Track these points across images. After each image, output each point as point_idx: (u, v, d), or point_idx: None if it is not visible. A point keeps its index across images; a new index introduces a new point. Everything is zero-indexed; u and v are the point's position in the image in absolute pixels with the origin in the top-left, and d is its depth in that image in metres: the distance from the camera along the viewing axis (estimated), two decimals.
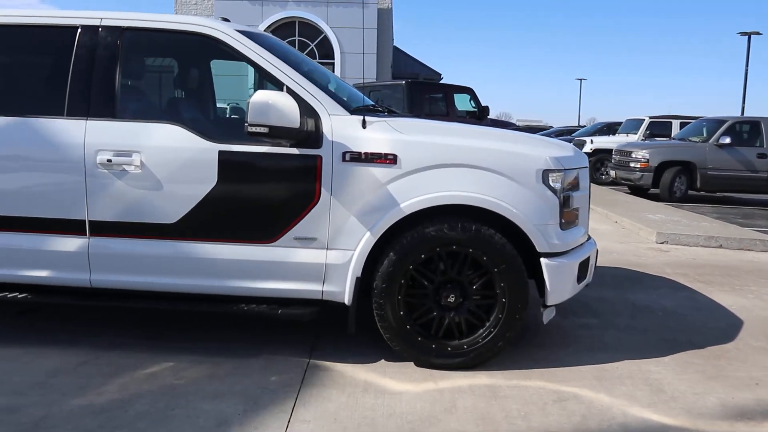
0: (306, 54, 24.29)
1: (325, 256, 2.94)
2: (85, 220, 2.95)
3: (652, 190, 10.83)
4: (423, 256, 2.92)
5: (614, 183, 12.11)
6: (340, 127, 2.92)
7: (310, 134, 2.88)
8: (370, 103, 3.79)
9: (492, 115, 12.58)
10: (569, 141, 14.92)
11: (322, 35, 22.97)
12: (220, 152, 2.88)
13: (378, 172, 2.88)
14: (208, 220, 2.93)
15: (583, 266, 3.19)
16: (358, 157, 2.89)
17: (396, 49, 30.91)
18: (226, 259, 2.95)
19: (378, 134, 2.92)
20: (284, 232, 2.92)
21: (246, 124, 2.68)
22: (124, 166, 2.90)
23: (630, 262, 5.41)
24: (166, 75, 3.23)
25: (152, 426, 2.40)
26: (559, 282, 3.01)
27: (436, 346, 2.99)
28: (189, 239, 2.95)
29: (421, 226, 2.91)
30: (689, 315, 3.98)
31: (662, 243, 6.27)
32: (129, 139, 2.90)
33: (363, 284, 2.97)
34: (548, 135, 19.88)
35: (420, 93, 10.02)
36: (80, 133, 2.92)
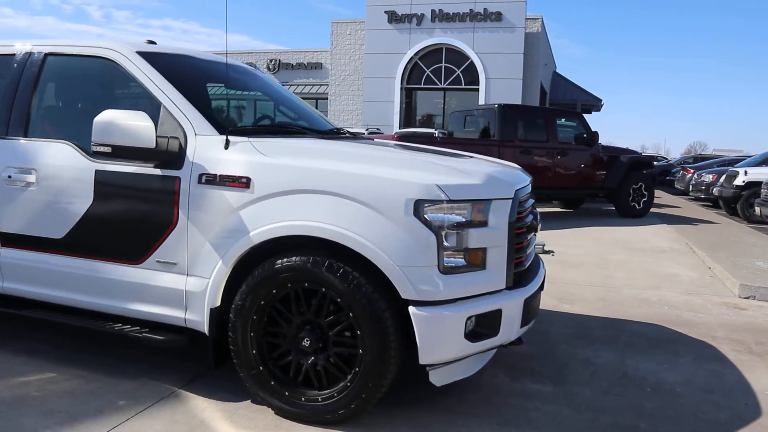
0: (451, 80, 24.52)
1: (185, 282, 2.79)
2: None
3: None
4: (274, 291, 2.62)
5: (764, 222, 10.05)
6: (203, 148, 2.77)
7: (171, 154, 2.77)
8: (326, 128, 3.61)
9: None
10: (725, 171, 12.76)
11: (468, 61, 22.83)
12: (96, 171, 2.90)
13: (231, 196, 2.67)
14: (87, 238, 2.96)
15: (484, 321, 2.61)
16: (212, 180, 2.70)
17: (556, 75, 29.60)
18: (102, 277, 2.94)
19: (237, 156, 2.71)
20: (148, 254, 2.84)
21: (91, 144, 2.67)
22: (25, 182, 3.06)
23: (677, 320, 4.37)
24: (76, 96, 3.36)
25: None
26: (433, 337, 2.49)
27: (289, 393, 2.65)
28: (73, 255, 3.00)
29: (273, 258, 2.62)
30: (688, 396, 3.06)
31: (746, 298, 4.97)
32: (29, 157, 3.06)
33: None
34: (711, 164, 17.29)
35: (514, 117, 9.34)
36: None
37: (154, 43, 3.38)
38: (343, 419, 2.60)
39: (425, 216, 2.47)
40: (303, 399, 2.64)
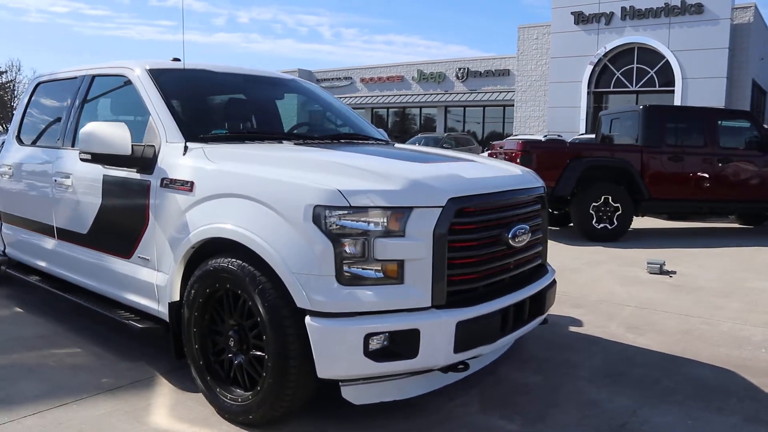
0: (644, 82, 22.36)
1: (156, 276, 3.05)
2: (53, 226, 3.80)
3: None
4: (208, 290, 2.74)
5: None
6: (167, 155, 3.01)
7: (146, 161, 3.06)
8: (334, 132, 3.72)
9: None
10: None
11: (663, 60, 20.55)
12: (104, 176, 3.32)
13: (180, 199, 2.86)
14: (100, 233, 3.41)
15: (397, 340, 2.42)
16: (169, 184, 2.93)
17: None
18: (109, 268, 3.36)
19: (189, 161, 2.91)
20: (133, 250, 3.17)
21: (78, 152, 3.08)
22: (65, 185, 3.63)
23: (766, 368, 3.44)
24: (106, 109, 3.83)
25: None
26: (328, 351, 2.38)
27: (220, 390, 2.75)
28: (93, 248, 3.48)
29: (210, 258, 2.74)
30: None
31: None
32: (69, 164, 3.62)
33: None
34: None
35: (661, 120, 8.15)
36: (53, 158, 3.79)
37: (178, 60, 3.75)
38: (254, 423, 2.62)
39: (324, 222, 2.37)
40: (228, 397, 2.71)
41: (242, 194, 2.60)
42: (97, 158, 3.05)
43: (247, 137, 3.30)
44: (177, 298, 2.94)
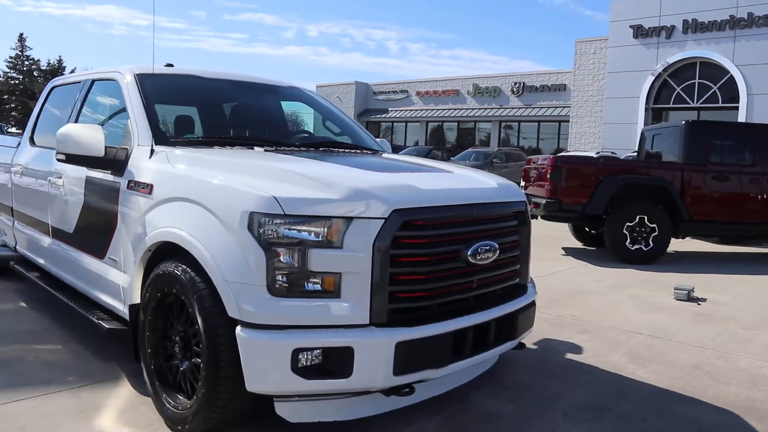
0: (706, 98, 21.27)
1: (122, 278, 3.07)
2: (49, 225, 3.91)
3: None
4: (159, 294, 2.71)
5: None
6: (136, 157, 3.03)
7: (119, 162, 3.09)
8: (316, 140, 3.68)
9: None
10: None
11: (727, 76, 19.50)
12: (86, 177, 3.39)
13: (141, 201, 2.86)
14: (82, 233, 3.47)
15: (329, 358, 2.30)
16: (134, 186, 2.94)
17: None
18: (87, 268, 3.41)
19: (152, 164, 2.91)
20: (106, 250, 3.20)
21: (55, 153, 3.14)
22: (57, 185, 3.72)
23: (748, 403, 3.09)
24: (101, 111, 3.90)
25: None
26: (255, 363, 2.30)
27: (165, 396, 2.71)
28: (76, 247, 3.55)
29: (162, 262, 2.72)
30: None
31: None
32: (62, 165, 3.71)
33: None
34: None
35: (704, 136, 7.65)
36: (51, 158, 3.90)
37: (171, 65, 3.80)
38: None
39: (259, 230, 2.30)
40: (171, 404, 2.66)
41: (190, 198, 2.58)
42: (71, 159, 3.11)
43: (217, 142, 3.27)
44: (137, 300, 2.93)
